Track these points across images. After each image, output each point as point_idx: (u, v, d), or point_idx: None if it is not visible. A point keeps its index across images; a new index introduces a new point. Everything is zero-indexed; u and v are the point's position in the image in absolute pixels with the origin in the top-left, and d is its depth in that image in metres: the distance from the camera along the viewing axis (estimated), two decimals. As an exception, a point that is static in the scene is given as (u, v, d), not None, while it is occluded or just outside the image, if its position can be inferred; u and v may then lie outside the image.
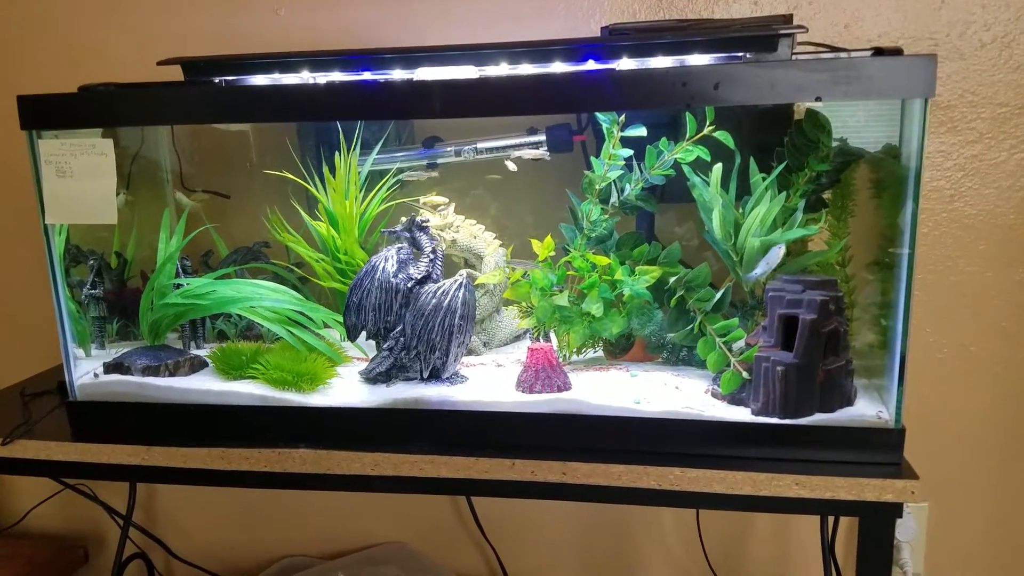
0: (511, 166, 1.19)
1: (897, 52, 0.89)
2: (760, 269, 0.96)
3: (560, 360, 1.07)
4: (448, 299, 1.05)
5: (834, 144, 1.00)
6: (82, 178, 1.02)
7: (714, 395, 1.00)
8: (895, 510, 0.90)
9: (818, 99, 0.85)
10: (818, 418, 0.94)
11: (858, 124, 1.03)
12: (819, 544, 1.29)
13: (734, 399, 0.98)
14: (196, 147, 1.36)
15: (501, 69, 1.04)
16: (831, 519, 1.30)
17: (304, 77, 1.11)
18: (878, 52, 0.92)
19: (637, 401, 0.99)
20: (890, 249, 0.95)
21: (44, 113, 1.02)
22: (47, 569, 1.53)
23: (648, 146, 1.06)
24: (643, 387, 1.03)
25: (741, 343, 0.99)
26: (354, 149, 1.20)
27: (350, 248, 1.19)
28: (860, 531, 0.96)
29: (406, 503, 1.60)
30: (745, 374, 0.97)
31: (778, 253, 0.95)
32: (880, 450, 0.93)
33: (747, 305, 1.07)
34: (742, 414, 0.96)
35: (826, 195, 1.06)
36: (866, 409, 0.95)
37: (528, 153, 1.04)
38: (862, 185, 1.06)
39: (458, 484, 1.00)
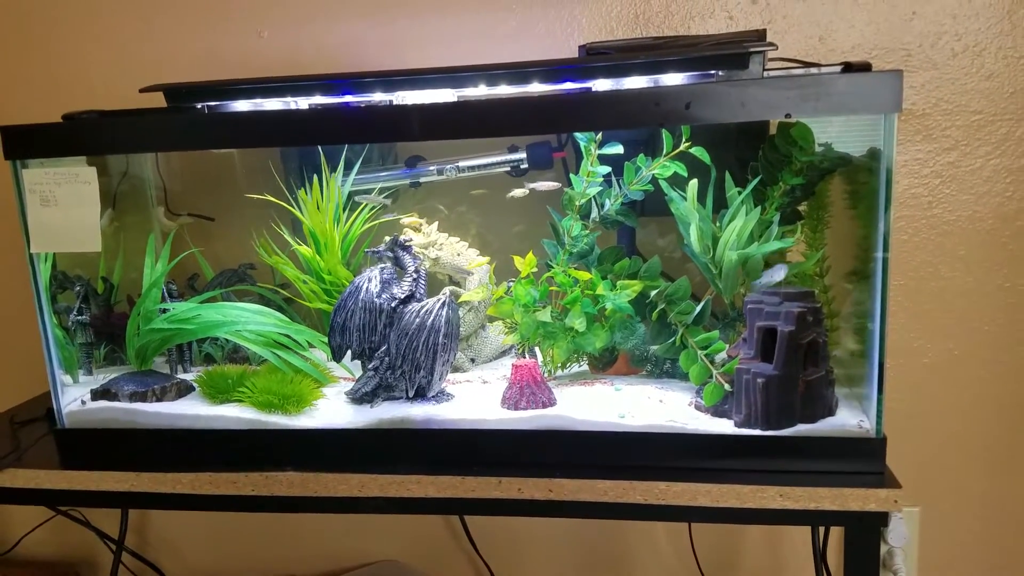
0: (519, 193, 1.19)
1: (866, 67, 0.91)
2: (764, 280, 0.98)
3: (545, 376, 1.08)
4: (431, 318, 1.05)
5: (819, 148, 1.01)
6: (66, 207, 1.03)
7: (697, 407, 1.01)
8: (880, 519, 0.91)
9: (788, 116, 0.87)
10: (800, 429, 0.95)
11: (833, 135, 1.04)
12: (811, 551, 1.29)
13: (717, 411, 0.99)
14: (180, 170, 1.37)
15: (480, 91, 1.05)
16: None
17: (286, 102, 1.12)
18: (848, 67, 0.93)
19: (622, 416, 1.00)
20: (865, 259, 0.96)
21: (27, 143, 1.03)
22: (39, 596, 1.52)
23: (626, 162, 1.07)
24: (627, 401, 1.04)
25: (723, 355, 1.00)
26: (337, 171, 1.22)
27: (333, 268, 1.20)
28: (846, 540, 0.96)
29: (399, 521, 1.60)
30: (727, 386, 0.98)
31: (782, 272, 0.97)
32: (863, 459, 0.93)
33: (728, 316, 1.08)
34: (725, 426, 0.97)
35: (802, 207, 1.08)
36: (847, 419, 0.96)
37: (542, 186, 1.05)
38: (836, 196, 1.07)
39: (445, 503, 1.01)
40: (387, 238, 1.13)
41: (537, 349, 1.15)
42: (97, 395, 1.11)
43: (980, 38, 1.27)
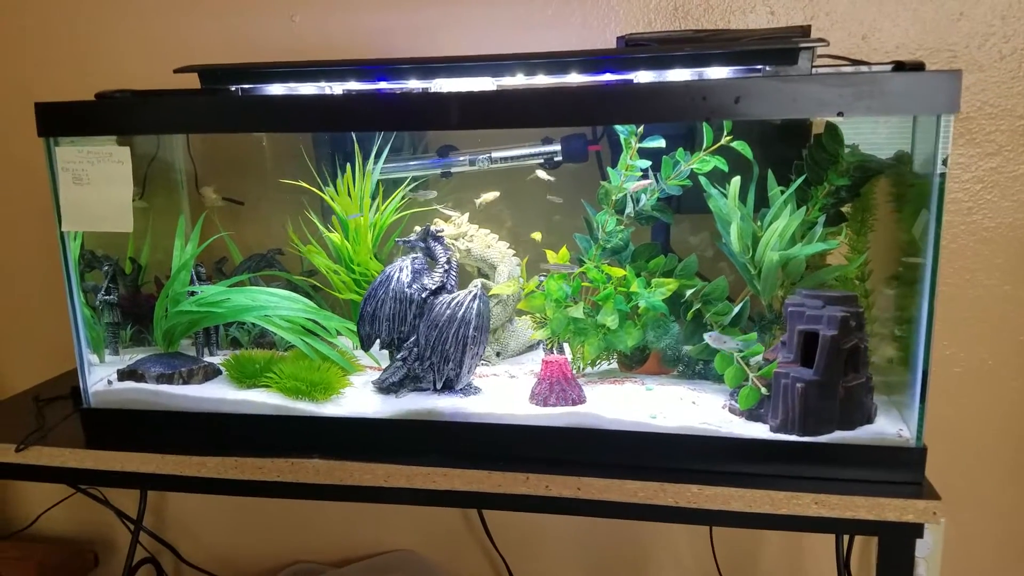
0: (543, 175, 1.18)
1: (918, 66, 0.88)
2: (713, 341, 0.99)
3: (574, 372, 1.07)
4: (463, 310, 1.04)
5: (846, 149, 0.98)
6: (99, 186, 1.02)
7: (732, 411, 0.99)
8: (915, 530, 0.89)
9: (840, 114, 0.84)
10: (838, 436, 0.93)
11: (879, 136, 1.01)
12: (833, 557, 1.27)
13: (752, 415, 0.97)
14: (211, 153, 1.36)
15: (518, 80, 1.03)
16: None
17: (320, 86, 1.11)
18: (898, 66, 0.91)
19: (653, 416, 0.98)
20: (911, 263, 0.94)
21: (61, 120, 1.03)
22: (57, 573, 1.53)
23: (664, 156, 1.05)
24: (659, 401, 1.02)
25: (759, 358, 0.98)
26: (370, 160, 1.20)
27: (363, 260, 1.19)
28: (879, 551, 0.94)
29: (416, 511, 1.59)
30: (764, 390, 0.96)
31: (731, 344, 0.98)
32: (901, 469, 0.91)
33: (765, 319, 1.06)
34: (760, 430, 0.95)
35: (845, 208, 1.05)
36: (887, 427, 0.94)
37: (424, 195, 1.03)
38: (882, 199, 1.04)
39: (471, 497, 1.00)
40: (418, 228, 1.12)
41: (566, 345, 1.13)
42: (124, 376, 1.11)
43: (1030, 41, 1.24)
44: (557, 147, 1.21)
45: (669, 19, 1.33)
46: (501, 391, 1.09)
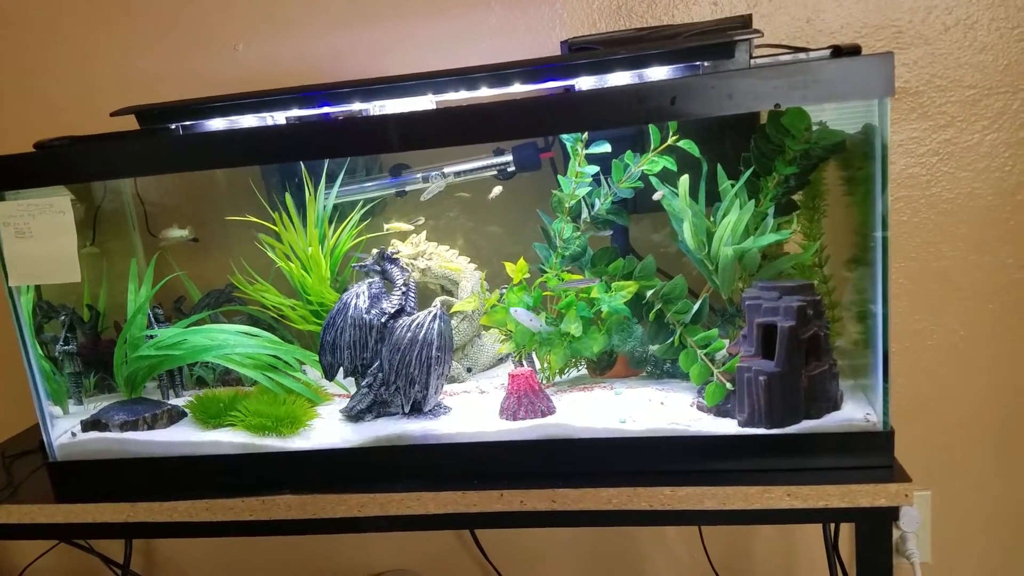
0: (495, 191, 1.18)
1: (855, 50, 0.88)
2: (524, 319, 1.03)
3: (542, 383, 1.06)
4: (423, 331, 1.03)
5: (815, 127, 0.97)
6: (42, 238, 1.00)
7: (700, 408, 0.99)
8: (890, 513, 0.89)
9: (777, 106, 0.84)
10: (805, 425, 0.92)
11: (830, 118, 1.01)
12: (824, 542, 1.27)
13: (720, 411, 0.96)
14: (159, 191, 1.34)
15: (461, 95, 1.02)
16: (832, 518, 1.28)
17: (263, 117, 1.09)
18: (837, 50, 0.90)
19: (622, 420, 0.97)
20: (864, 245, 0.93)
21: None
22: (48, 627, 1.50)
23: (614, 160, 1.04)
24: (628, 405, 1.01)
25: (724, 352, 0.98)
26: (319, 189, 1.18)
27: (318, 291, 1.17)
28: (857, 535, 0.94)
29: (409, 532, 1.58)
30: (729, 385, 0.95)
31: (536, 324, 1.01)
32: (870, 453, 0.91)
33: (727, 312, 1.06)
34: (729, 426, 0.95)
35: (797, 197, 1.05)
36: (853, 412, 0.94)
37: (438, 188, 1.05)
38: (832, 184, 1.04)
39: (448, 519, 0.99)
40: (374, 251, 1.11)
41: (534, 355, 1.12)
42: (87, 426, 1.09)
43: (971, 10, 1.24)
44: (509, 157, 1.20)
45: (613, 18, 1.32)
46: (471, 408, 1.08)
